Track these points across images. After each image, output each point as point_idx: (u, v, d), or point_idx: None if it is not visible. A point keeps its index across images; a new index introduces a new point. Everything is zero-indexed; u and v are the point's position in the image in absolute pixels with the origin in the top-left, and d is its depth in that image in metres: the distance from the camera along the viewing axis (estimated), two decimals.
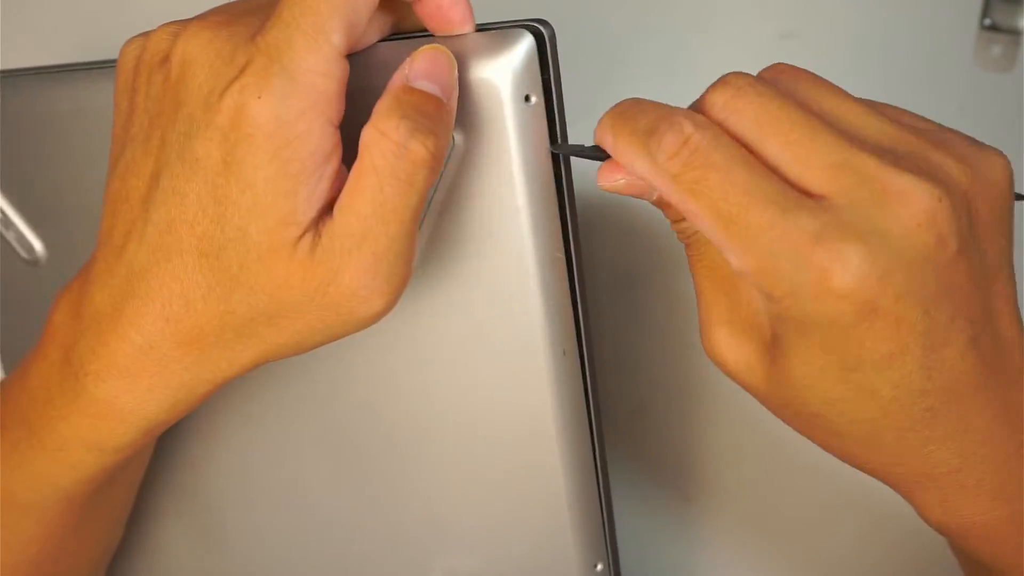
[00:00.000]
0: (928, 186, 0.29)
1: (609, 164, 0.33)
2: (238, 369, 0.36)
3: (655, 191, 0.33)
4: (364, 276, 0.33)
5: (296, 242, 0.33)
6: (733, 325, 0.34)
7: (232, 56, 0.33)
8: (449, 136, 0.34)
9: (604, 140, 0.33)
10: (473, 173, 0.36)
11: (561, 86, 0.36)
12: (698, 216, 0.31)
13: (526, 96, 0.35)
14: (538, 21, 0.35)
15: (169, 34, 0.35)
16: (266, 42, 0.32)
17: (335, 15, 0.32)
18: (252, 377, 0.44)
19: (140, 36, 0.37)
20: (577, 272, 0.38)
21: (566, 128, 0.37)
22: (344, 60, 0.33)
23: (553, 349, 0.39)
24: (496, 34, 0.34)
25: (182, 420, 0.43)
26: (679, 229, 0.35)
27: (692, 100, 0.58)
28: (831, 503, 0.58)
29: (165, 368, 0.35)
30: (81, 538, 0.44)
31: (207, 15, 0.35)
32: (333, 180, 0.33)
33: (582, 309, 0.39)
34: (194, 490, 0.49)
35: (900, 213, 0.29)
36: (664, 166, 0.31)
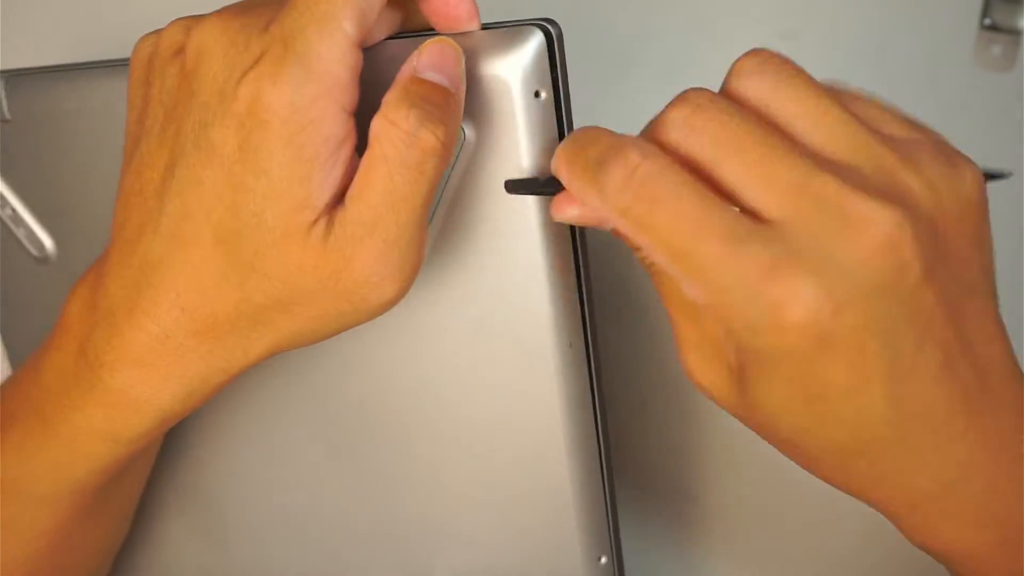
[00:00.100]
0: (889, 212, 0.28)
1: (563, 196, 0.33)
2: (253, 358, 0.36)
3: (610, 223, 0.31)
4: (375, 263, 0.34)
5: (310, 228, 0.33)
6: (703, 350, 0.33)
7: (247, 45, 0.33)
8: (458, 126, 0.34)
9: (559, 172, 0.32)
10: (483, 167, 0.37)
11: (568, 83, 0.36)
12: (650, 249, 0.30)
13: (536, 92, 0.35)
14: (546, 20, 0.36)
15: (182, 27, 0.36)
16: (280, 31, 0.33)
17: (347, 4, 0.33)
18: (255, 374, 0.44)
19: (153, 32, 0.37)
20: (584, 265, 0.39)
21: (573, 124, 0.37)
22: (357, 49, 0.33)
23: (559, 342, 0.39)
24: (507, 31, 0.35)
25: (187, 419, 0.43)
26: (639, 258, 0.33)
27: None
28: (832, 502, 0.58)
29: (181, 358, 0.36)
30: (91, 530, 0.44)
31: (220, 9, 0.35)
32: (347, 167, 0.34)
33: (588, 303, 0.39)
34: (196, 488, 0.49)
35: (858, 240, 0.28)
36: (612, 199, 0.30)
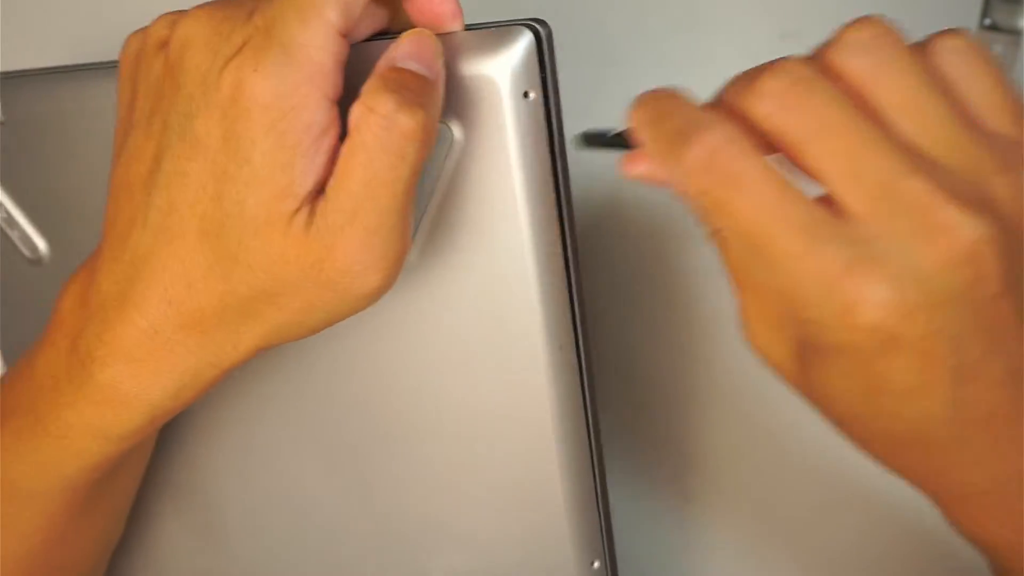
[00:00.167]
0: (974, 223, 0.27)
1: (636, 153, 0.32)
2: (243, 352, 0.36)
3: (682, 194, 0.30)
4: (357, 252, 0.33)
5: (292, 216, 0.33)
6: (766, 322, 0.32)
7: (229, 35, 0.33)
8: (438, 113, 0.34)
9: (639, 134, 0.31)
10: (472, 168, 0.37)
11: (558, 83, 0.36)
12: (724, 233, 0.30)
13: (525, 92, 0.35)
14: (536, 20, 0.36)
15: (168, 22, 0.36)
16: (263, 19, 0.33)
17: None
18: (249, 374, 0.45)
19: (141, 29, 0.37)
20: (574, 266, 0.39)
21: (563, 125, 0.37)
22: (341, 37, 0.33)
23: (550, 344, 0.39)
24: (496, 31, 0.35)
25: (181, 417, 0.43)
26: (706, 231, 0.32)
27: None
28: (829, 502, 0.58)
29: (170, 352, 0.36)
30: (84, 529, 0.44)
31: (204, 3, 0.35)
32: (330, 156, 0.33)
33: (579, 303, 0.39)
34: (192, 488, 0.49)
35: (938, 249, 0.27)
36: (692, 179, 0.29)
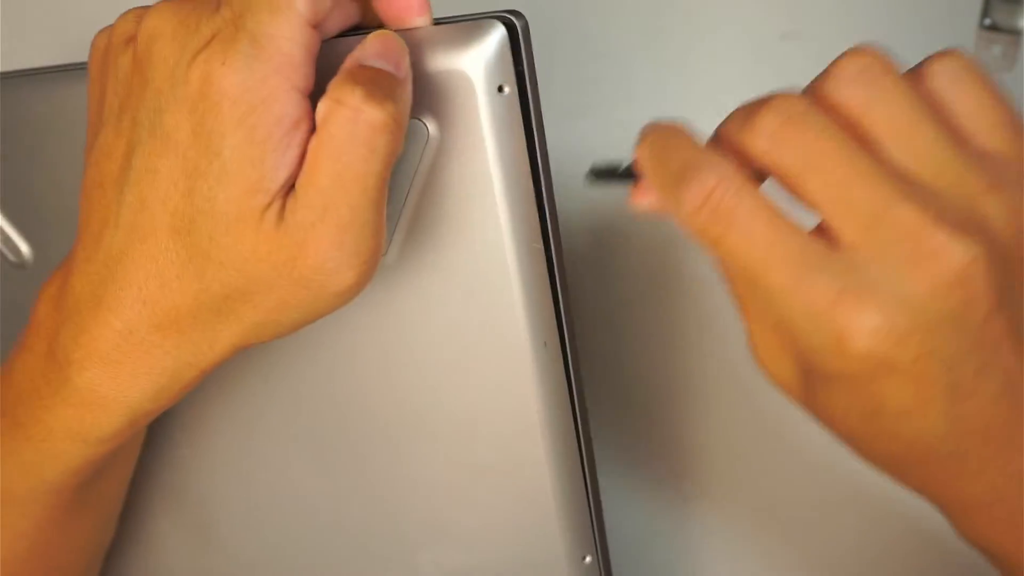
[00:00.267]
0: (964, 246, 0.28)
1: (643, 187, 0.33)
2: (220, 352, 0.36)
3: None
4: (329, 248, 0.33)
5: (263, 212, 0.33)
6: (770, 345, 0.33)
7: (197, 28, 0.33)
8: (408, 108, 0.34)
9: (643, 171, 0.33)
10: (449, 165, 0.36)
11: (536, 77, 0.36)
12: (722, 267, 0.31)
13: (499, 87, 0.35)
14: (511, 12, 0.35)
15: (134, 16, 0.36)
16: (231, 12, 0.33)
17: None
18: (237, 375, 0.45)
19: (107, 27, 0.37)
20: (557, 263, 0.39)
21: (542, 119, 0.37)
22: (311, 29, 0.33)
23: (534, 341, 0.39)
24: (468, 25, 0.35)
25: (171, 418, 0.43)
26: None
27: (693, 100, 0.59)
28: (828, 501, 0.58)
29: (146, 353, 0.35)
30: (71, 533, 0.44)
31: None
32: (302, 149, 0.33)
33: (563, 300, 0.39)
34: (184, 488, 0.49)
35: (928, 274, 0.28)
36: (689, 218, 0.30)
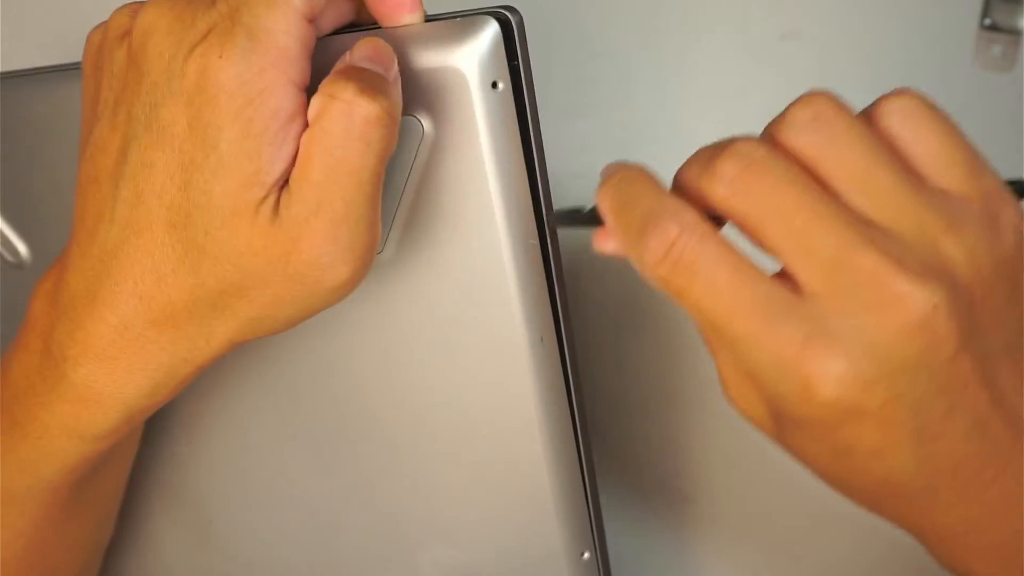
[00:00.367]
0: (925, 291, 0.28)
1: (604, 232, 0.33)
2: (216, 347, 0.36)
3: None
4: (324, 243, 0.33)
5: (258, 206, 0.33)
6: (743, 387, 0.33)
7: (193, 22, 0.33)
8: (399, 107, 0.34)
9: (605, 218, 0.33)
10: (443, 161, 0.36)
11: (531, 73, 0.36)
12: (690, 315, 0.31)
13: (493, 83, 0.35)
14: (506, 8, 0.35)
15: (128, 11, 0.36)
16: (227, 6, 0.33)
17: None
18: (235, 373, 0.45)
19: (102, 23, 0.37)
20: (553, 259, 0.39)
21: (538, 115, 0.37)
22: (307, 23, 0.33)
23: (530, 337, 0.39)
24: (462, 21, 0.35)
25: (169, 417, 0.43)
26: None
27: (693, 100, 0.59)
28: (829, 504, 0.58)
29: (142, 349, 0.35)
30: (69, 531, 0.44)
31: None
32: (297, 143, 0.33)
33: (559, 295, 0.39)
34: (183, 487, 0.49)
35: (890, 320, 0.28)
36: (651, 270, 0.30)
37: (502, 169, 0.36)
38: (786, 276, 0.30)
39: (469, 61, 0.34)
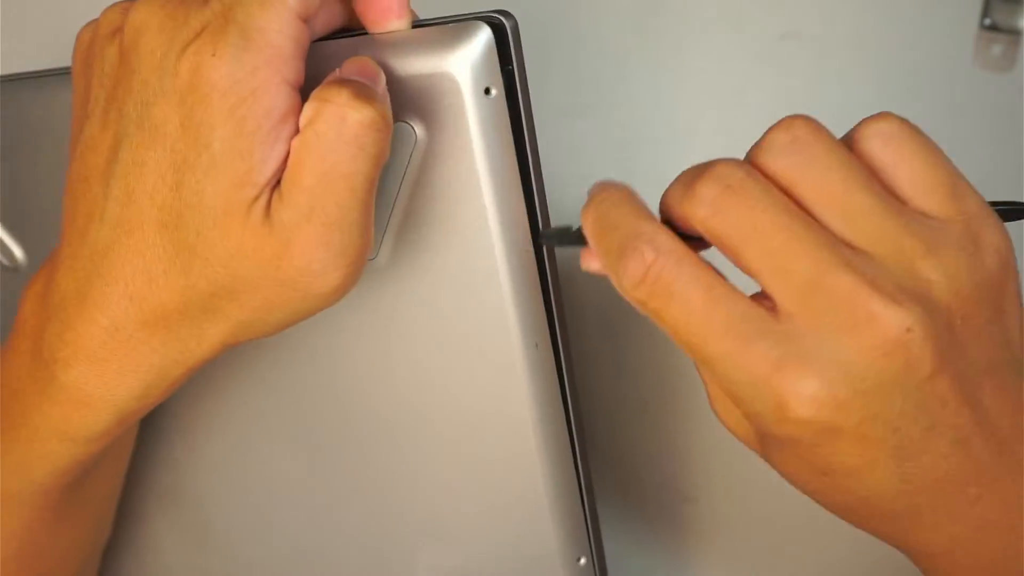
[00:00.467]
0: (900, 313, 0.29)
1: (590, 252, 0.34)
2: (207, 350, 0.36)
3: None
4: (316, 249, 0.33)
5: (250, 207, 0.32)
6: (729, 403, 0.34)
7: (186, 20, 0.33)
8: (391, 118, 0.33)
9: (589, 239, 0.33)
10: (437, 167, 0.36)
11: (526, 78, 0.36)
12: (670, 336, 0.31)
13: (486, 89, 0.34)
14: (500, 12, 0.35)
15: (120, 9, 0.35)
16: (221, 4, 0.32)
17: None
18: (229, 376, 0.45)
19: (92, 21, 0.37)
20: (548, 263, 0.38)
21: (533, 120, 0.37)
22: (301, 23, 0.33)
23: (525, 342, 0.38)
24: (454, 27, 0.34)
25: (166, 420, 0.43)
26: None
27: (693, 100, 0.59)
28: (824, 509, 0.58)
29: (133, 351, 0.35)
30: (63, 533, 0.44)
31: None
32: (290, 144, 0.33)
33: (554, 301, 0.39)
34: (180, 489, 0.49)
35: (865, 341, 0.29)
36: (629, 293, 0.31)
37: (496, 175, 0.36)
38: (764, 297, 0.30)
39: (461, 67, 0.34)
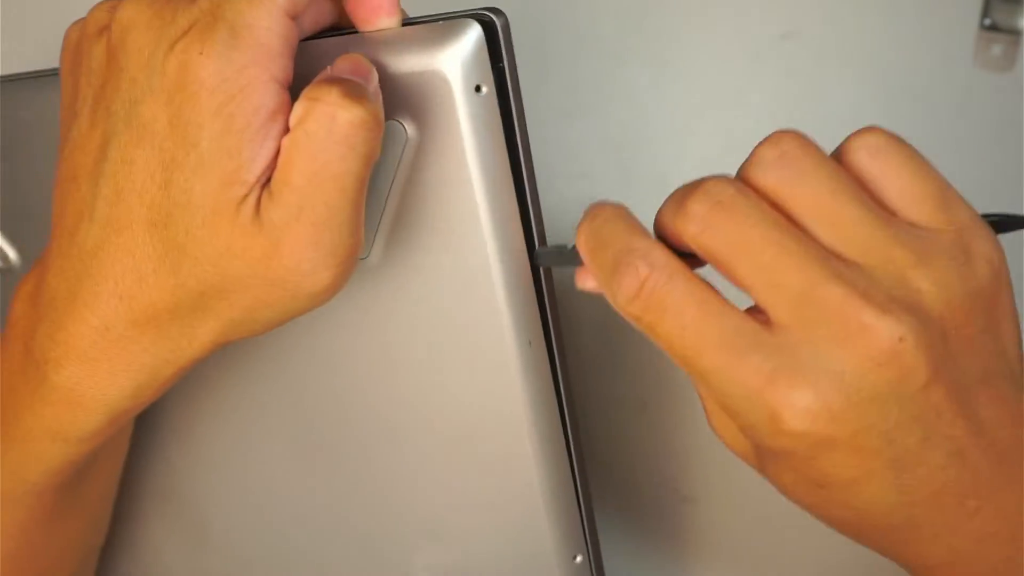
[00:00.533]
0: (892, 323, 0.29)
1: (585, 271, 0.34)
2: (198, 348, 0.36)
3: None
4: (305, 248, 0.32)
5: (239, 205, 0.32)
6: (726, 420, 0.34)
7: (174, 17, 0.33)
8: (382, 117, 0.33)
9: (583, 257, 0.33)
10: (428, 166, 0.36)
11: (517, 76, 0.36)
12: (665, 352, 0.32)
13: (477, 87, 0.34)
14: (491, 10, 0.35)
15: (107, 7, 0.35)
16: (209, 1, 0.32)
17: None
18: (226, 376, 0.45)
19: (80, 20, 0.37)
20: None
21: (524, 118, 0.37)
22: (289, 19, 0.33)
23: (518, 340, 0.38)
24: (444, 24, 0.34)
25: (163, 421, 0.43)
26: None
27: (692, 100, 0.58)
28: None
29: (124, 350, 0.35)
30: (57, 535, 0.44)
31: None
32: (279, 142, 0.33)
33: (549, 299, 0.39)
34: (176, 490, 0.49)
35: (857, 351, 0.29)
36: (624, 308, 0.31)
37: (487, 173, 0.36)
38: (758, 311, 0.30)
39: (452, 65, 0.34)
